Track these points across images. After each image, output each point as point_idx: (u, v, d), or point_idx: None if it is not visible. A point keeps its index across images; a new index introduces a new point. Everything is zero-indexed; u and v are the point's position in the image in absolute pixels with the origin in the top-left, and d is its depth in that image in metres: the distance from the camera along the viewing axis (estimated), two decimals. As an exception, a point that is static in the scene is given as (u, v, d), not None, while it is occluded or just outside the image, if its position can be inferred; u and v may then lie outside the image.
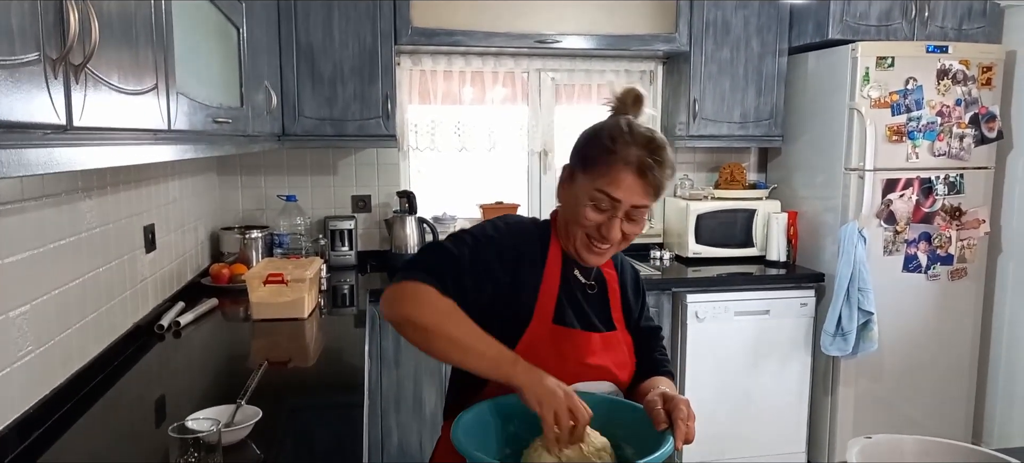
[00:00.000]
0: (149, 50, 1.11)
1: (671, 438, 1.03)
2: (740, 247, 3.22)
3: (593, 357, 1.22)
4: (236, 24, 1.88)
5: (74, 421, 1.43)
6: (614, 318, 1.29)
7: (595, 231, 1.17)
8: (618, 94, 1.22)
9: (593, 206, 1.16)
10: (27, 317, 1.36)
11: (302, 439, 1.38)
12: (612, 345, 1.26)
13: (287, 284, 2.18)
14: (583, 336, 1.22)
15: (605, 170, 1.14)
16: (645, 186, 1.14)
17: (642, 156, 1.13)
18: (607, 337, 1.25)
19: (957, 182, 2.92)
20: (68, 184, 1.57)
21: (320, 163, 3.17)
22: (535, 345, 1.19)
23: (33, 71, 0.74)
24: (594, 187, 1.15)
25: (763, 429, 3.00)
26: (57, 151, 0.82)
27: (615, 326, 1.28)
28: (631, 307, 1.34)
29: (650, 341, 1.34)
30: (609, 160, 1.14)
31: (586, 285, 1.27)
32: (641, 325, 1.35)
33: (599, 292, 1.29)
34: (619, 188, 1.13)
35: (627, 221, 1.17)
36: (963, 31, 2.95)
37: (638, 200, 1.15)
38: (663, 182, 1.16)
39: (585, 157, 1.18)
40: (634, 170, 1.13)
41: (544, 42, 2.97)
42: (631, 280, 1.36)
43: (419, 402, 2.75)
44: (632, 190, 1.13)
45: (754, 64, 3.11)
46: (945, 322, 3.00)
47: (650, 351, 1.33)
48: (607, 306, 1.29)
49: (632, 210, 1.16)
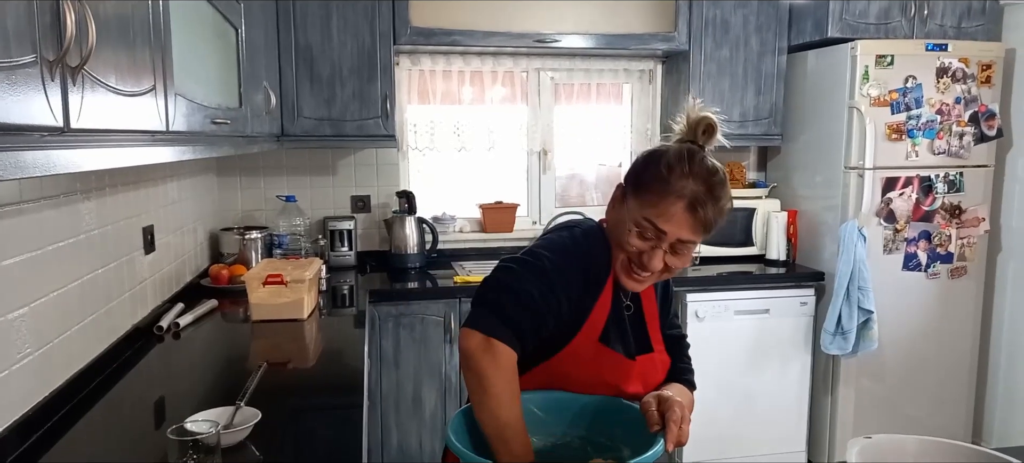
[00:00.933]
0: (147, 51, 1.10)
1: (661, 440, 1.03)
2: (740, 246, 3.21)
3: (628, 384, 1.19)
4: (234, 25, 1.88)
5: (73, 423, 1.43)
6: (652, 338, 1.26)
7: (637, 258, 1.14)
8: (690, 120, 1.17)
9: (638, 233, 1.12)
10: (26, 319, 1.36)
11: (302, 440, 1.38)
12: (647, 369, 1.23)
13: (286, 285, 2.18)
14: (624, 362, 1.19)
15: (656, 200, 1.10)
16: (695, 222, 1.09)
17: (697, 191, 1.08)
18: (643, 361, 1.22)
19: (957, 180, 2.92)
20: (67, 186, 1.57)
21: (319, 163, 3.17)
22: (576, 356, 1.17)
23: (30, 73, 0.74)
24: (642, 214, 1.11)
25: (763, 428, 3.00)
26: (54, 153, 0.82)
27: (653, 348, 1.25)
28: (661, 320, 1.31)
29: (674, 350, 1.32)
30: (661, 190, 1.10)
31: (623, 305, 1.24)
32: (666, 333, 1.32)
33: (636, 312, 1.26)
34: (667, 221, 1.09)
35: (671, 253, 1.13)
36: (962, 29, 2.94)
37: (686, 235, 1.10)
38: (716, 220, 1.11)
39: (639, 181, 1.14)
40: (686, 205, 1.08)
41: (543, 41, 2.97)
42: (662, 291, 1.33)
43: (419, 403, 2.75)
44: (681, 224, 1.09)
45: (753, 63, 3.10)
46: (945, 321, 3.00)
47: (675, 360, 1.30)
48: (644, 327, 1.26)
49: (678, 244, 1.12)
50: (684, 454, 2.95)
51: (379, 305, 2.67)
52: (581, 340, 1.16)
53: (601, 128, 3.41)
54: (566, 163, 3.45)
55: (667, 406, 1.07)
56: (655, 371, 1.24)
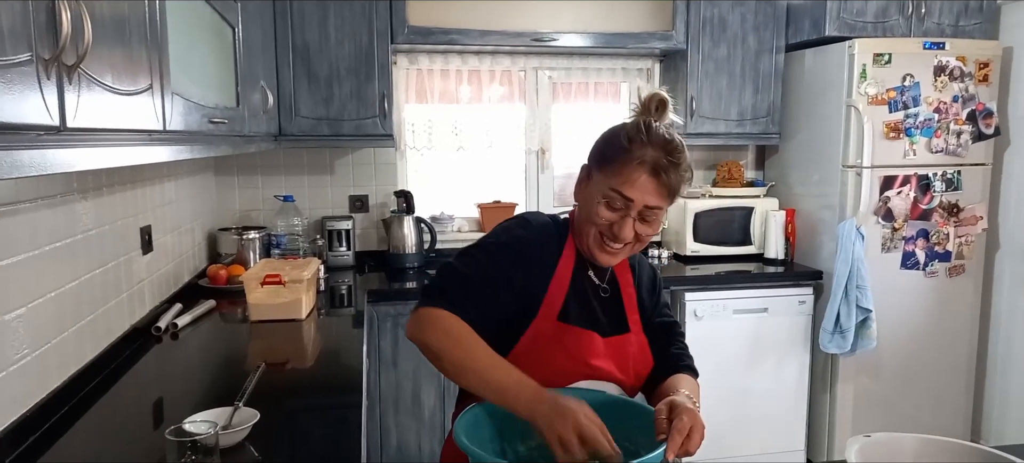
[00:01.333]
0: (143, 50, 1.10)
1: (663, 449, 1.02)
2: (738, 245, 3.21)
3: (596, 358, 1.22)
4: (231, 23, 1.87)
5: (71, 424, 1.42)
6: (630, 320, 1.28)
7: (608, 230, 1.18)
8: (643, 99, 1.22)
9: (606, 204, 1.17)
10: (23, 320, 1.36)
11: (300, 441, 1.38)
12: (620, 348, 1.25)
13: (285, 285, 2.18)
14: (587, 336, 1.22)
15: (620, 169, 1.15)
16: (659, 187, 1.15)
17: (658, 157, 1.14)
18: (614, 340, 1.25)
19: (954, 179, 2.92)
20: (63, 186, 1.57)
21: (317, 163, 3.16)
22: (538, 340, 1.19)
23: (25, 72, 0.73)
24: (608, 186, 1.16)
25: (762, 427, 3.00)
26: (50, 152, 0.82)
27: (630, 328, 1.28)
28: (646, 305, 1.33)
29: (666, 336, 1.33)
30: (624, 159, 1.15)
31: (599, 288, 1.27)
32: (656, 321, 1.34)
33: (613, 295, 1.29)
34: (633, 187, 1.14)
35: (641, 222, 1.17)
36: (960, 27, 2.95)
37: (652, 200, 1.15)
38: (678, 184, 1.16)
39: (602, 156, 1.20)
40: (648, 170, 1.14)
41: (541, 40, 2.97)
42: (647, 278, 1.36)
43: (418, 402, 2.75)
44: (645, 190, 1.14)
45: (751, 62, 3.10)
46: (943, 319, 3.01)
47: (667, 346, 1.32)
48: (621, 309, 1.28)
49: (646, 211, 1.16)
50: (683, 453, 2.95)
51: (377, 305, 2.67)
52: (541, 321, 1.20)
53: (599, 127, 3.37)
54: (564, 162, 3.44)
55: (676, 414, 1.07)
56: (630, 351, 1.26)
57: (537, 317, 1.20)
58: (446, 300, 1.14)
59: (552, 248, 1.24)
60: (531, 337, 1.19)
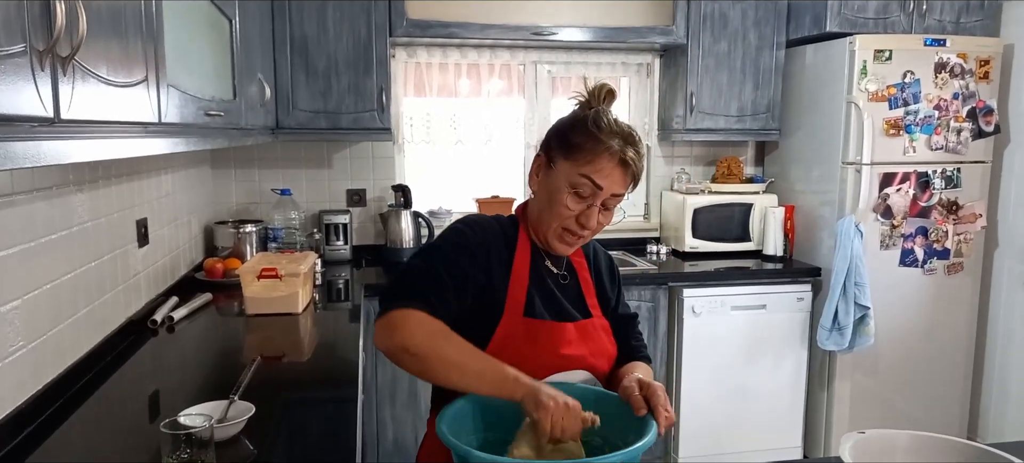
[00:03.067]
0: (139, 42, 1.09)
1: (654, 423, 1.05)
2: (737, 241, 3.21)
3: (567, 347, 1.22)
4: (228, 16, 1.86)
5: (66, 417, 1.42)
6: (589, 304, 1.30)
7: (573, 221, 1.19)
8: (591, 89, 1.23)
9: (573, 193, 1.17)
10: (18, 311, 1.35)
11: (296, 434, 1.37)
12: (588, 333, 1.26)
13: (281, 279, 2.17)
14: (557, 327, 1.22)
15: (591, 157, 1.15)
16: (626, 176, 1.17)
17: (623, 146, 1.16)
18: (582, 325, 1.26)
19: (954, 176, 2.92)
20: (59, 178, 1.56)
21: (314, 157, 3.15)
22: (508, 339, 1.19)
23: (19, 63, 0.73)
24: (578, 172, 1.16)
25: (759, 423, 3.01)
26: (45, 144, 0.81)
27: (591, 313, 1.29)
28: (607, 294, 1.35)
29: (627, 328, 1.36)
30: (594, 147, 1.15)
31: (558, 276, 1.29)
32: (619, 312, 1.36)
33: (571, 281, 1.30)
34: (602, 175, 1.15)
35: (603, 210, 1.19)
36: (961, 24, 2.94)
37: (618, 189, 1.18)
38: (638, 173, 1.20)
39: (569, 144, 1.18)
40: (618, 160, 1.15)
41: (540, 34, 2.96)
42: (606, 267, 1.38)
43: (414, 396, 2.75)
44: (615, 179, 1.16)
45: (751, 57, 3.09)
46: (941, 316, 3.01)
47: (627, 338, 1.35)
48: (581, 293, 1.30)
49: (610, 199, 1.18)
50: (680, 448, 2.96)
51: (374, 299, 2.66)
52: (508, 319, 1.20)
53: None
54: (563, 157, 3.43)
55: (651, 392, 1.10)
56: (596, 335, 1.28)
57: (504, 316, 1.20)
58: (418, 299, 1.10)
59: (505, 244, 1.24)
60: (501, 336, 1.19)
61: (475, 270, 1.18)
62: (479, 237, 1.22)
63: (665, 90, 3.33)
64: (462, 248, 1.19)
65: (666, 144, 3.42)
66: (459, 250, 1.19)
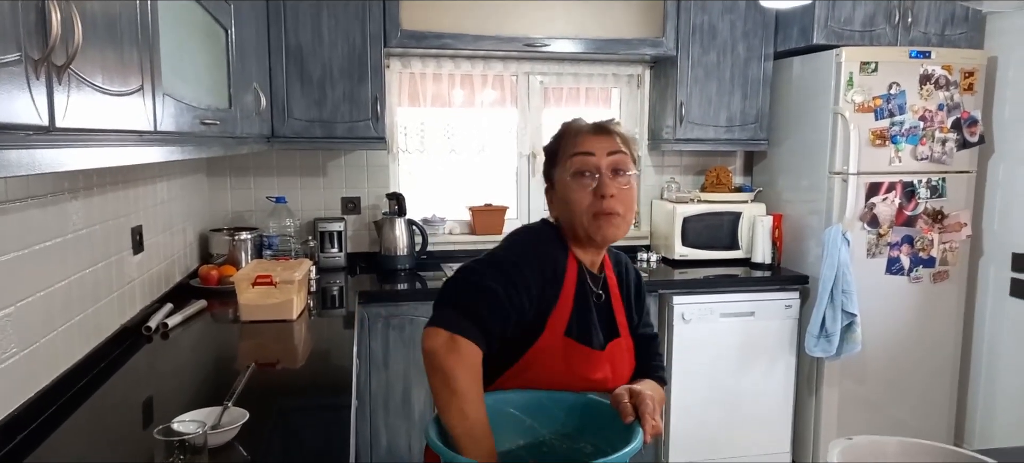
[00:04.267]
0: (134, 51, 1.11)
1: (639, 431, 1.05)
2: (726, 249, 3.24)
3: (596, 372, 1.23)
4: (224, 25, 1.88)
5: (59, 424, 1.42)
6: (619, 323, 1.30)
7: (593, 198, 1.20)
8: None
9: (578, 178, 1.22)
10: (12, 319, 1.36)
11: (290, 441, 1.38)
12: (615, 355, 1.27)
13: (276, 286, 2.18)
14: (592, 353, 1.23)
15: (569, 141, 1.24)
16: (609, 136, 1.23)
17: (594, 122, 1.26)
18: (611, 347, 1.26)
19: (939, 186, 2.96)
20: (54, 185, 1.57)
21: (309, 165, 3.17)
22: (543, 353, 1.19)
23: (14, 72, 0.74)
24: (570, 159, 1.23)
25: (748, 430, 3.02)
26: (39, 152, 0.82)
27: (620, 333, 1.29)
28: (632, 312, 1.35)
29: (648, 348, 1.36)
30: (568, 133, 1.26)
31: (594, 294, 1.28)
32: (640, 332, 1.36)
33: (605, 300, 1.30)
34: (587, 145, 1.22)
35: (615, 180, 1.21)
36: (946, 36, 2.99)
37: (610, 147, 1.22)
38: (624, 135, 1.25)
39: (552, 153, 1.28)
40: (592, 130, 1.24)
41: (533, 45, 2.99)
42: (634, 285, 1.38)
43: (408, 403, 2.76)
44: (599, 142, 1.22)
45: (740, 68, 3.13)
46: (927, 324, 3.04)
47: (646, 358, 1.34)
48: (613, 313, 1.30)
49: (613, 161, 1.21)
50: (670, 454, 2.97)
51: (369, 306, 2.67)
52: (548, 337, 1.20)
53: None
54: (555, 166, 3.46)
55: (639, 400, 1.10)
56: (622, 356, 1.28)
57: (544, 332, 1.19)
58: (480, 330, 1.09)
59: (561, 260, 1.24)
60: (536, 351, 1.19)
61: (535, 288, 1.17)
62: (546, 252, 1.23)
63: (655, 101, 3.36)
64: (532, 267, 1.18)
65: (656, 154, 3.46)
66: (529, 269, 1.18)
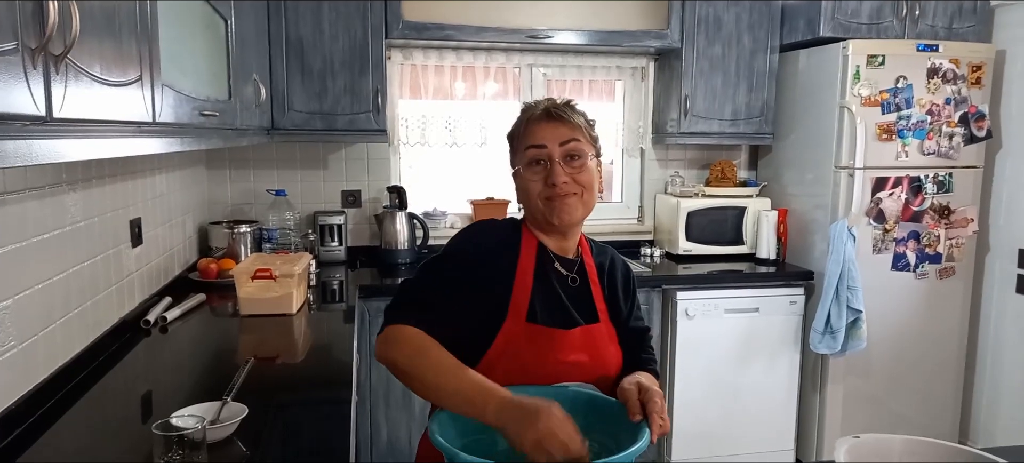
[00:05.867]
0: (133, 41, 1.09)
1: (646, 430, 1.04)
2: (730, 244, 3.22)
3: (570, 354, 1.22)
4: (224, 16, 1.86)
5: (58, 417, 1.41)
6: (598, 309, 1.29)
7: (545, 188, 1.23)
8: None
9: (531, 167, 1.24)
10: (9, 311, 1.35)
11: (289, 435, 1.37)
12: (593, 338, 1.26)
13: (275, 279, 2.17)
14: (560, 334, 1.22)
15: (523, 134, 1.26)
16: (560, 123, 1.23)
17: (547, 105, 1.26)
18: (587, 330, 1.25)
19: (946, 181, 2.94)
20: (52, 177, 1.55)
21: (310, 158, 3.15)
22: (510, 344, 1.19)
23: (11, 61, 0.73)
24: (523, 150, 1.25)
25: (752, 426, 3.01)
26: (36, 143, 0.81)
27: (599, 317, 1.28)
28: (619, 304, 1.34)
29: (640, 341, 1.35)
30: (522, 127, 1.27)
31: (568, 277, 1.28)
32: (630, 325, 1.35)
33: (581, 284, 1.29)
34: (537, 135, 1.23)
35: (569, 165, 1.22)
36: (953, 30, 2.96)
37: (563, 136, 1.23)
38: (580, 121, 1.25)
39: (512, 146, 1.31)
40: (543, 116, 1.24)
41: (536, 37, 2.96)
42: (621, 276, 1.37)
43: (408, 398, 2.74)
44: (550, 130, 1.23)
45: (745, 61, 3.11)
46: (933, 320, 3.02)
47: (638, 351, 1.34)
48: (590, 297, 1.29)
49: (566, 149, 1.22)
50: (673, 451, 2.96)
51: (369, 300, 2.66)
52: (510, 324, 1.20)
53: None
54: (558, 160, 3.44)
55: (648, 397, 1.09)
56: (602, 341, 1.27)
57: (506, 320, 1.20)
58: (413, 315, 1.14)
59: (510, 249, 1.25)
60: (502, 341, 1.19)
61: (478, 275, 1.19)
62: (485, 243, 1.25)
63: (659, 93, 3.33)
64: (466, 254, 1.23)
65: (660, 147, 3.43)
66: (463, 257, 1.22)
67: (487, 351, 1.20)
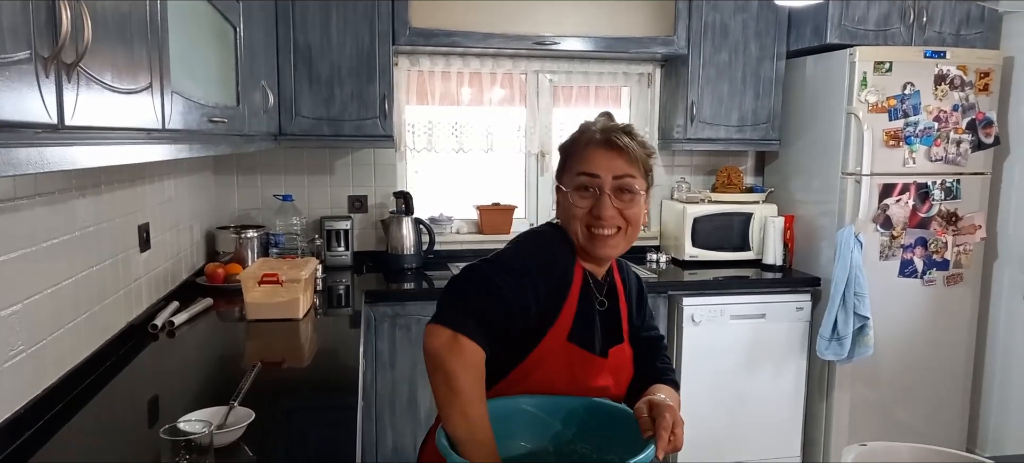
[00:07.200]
0: (143, 49, 1.10)
1: (652, 446, 1.03)
2: (736, 250, 3.21)
3: (597, 379, 1.22)
4: (233, 23, 1.87)
5: (66, 422, 1.42)
6: (623, 330, 1.29)
7: (589, 217, 1.19)
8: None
9: (579, 192, 1.20)
10: (19, 316, 1.36)
11: (295, 441, 1.37)
12: (618, 362, 1.26)
13: (282, 284, 2.17)
14: (594, 359, 1.22)
15: (577, 156, 1.21)
16: (618, 154, 1.18)
17: (606, 127, 1.21)
18: (614, 353, 1.25)
19: (954, 187, 2.92)
20: (62, 183, 1.56)
21: (317, 163, 3.16)
22: (545, 357, 1.18)
23: (24, 70, 0.73)
24: (575, 173, 1.20)
25: (758, 433, 3.00)
26: (48, 150, 0.81)
27: (623, 339, 1.28)
28: (634, 318, 1.34)
29: (653, 350, 1.35)
30: (577, 148, 1.22)
31: (597, 301, 1.26)
32: (643, 334, 1.35)
33: (611, 307, 1.28)
34: (592, 162, 1.19)
35: (618, 198, 1.19)
36: (961, 36, 2.95)
37: (617, 169, 1.18)
38: (638, 153, 1.19)
39: (563, 157, 1.26)
40: (601, 142, 1.19)
41: (542, 44, 2.97)
42: (635, 289, 1.36)
43: (414, 403, 2.75)
44: (606, 160, 1.18)
45: (752, 67, 3.11)
46: (940, 327, 3.00)
47: (652, 360, 1.33)
48: (618, 319, 1.29)
49: (618, 182, 1.18)
50: (679, 457, 2.95)
51: (375, 305, 2.66)
52: (550, 341, 1.18)
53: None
54: (564, 165, 3.44)
55: (658, 413, 1.08)
56: (625, 362, 1.27)
57: (547, 337, 1.18)
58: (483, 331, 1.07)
59: (569, 266, 1.22)
60: (539, 355, 1.18)
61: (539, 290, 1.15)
62: (552, 255, 1.21)
63: (666, 100, 3.34)
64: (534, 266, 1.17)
65: (666, 153, 3.43)
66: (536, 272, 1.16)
67: (522, 362, 1.18)
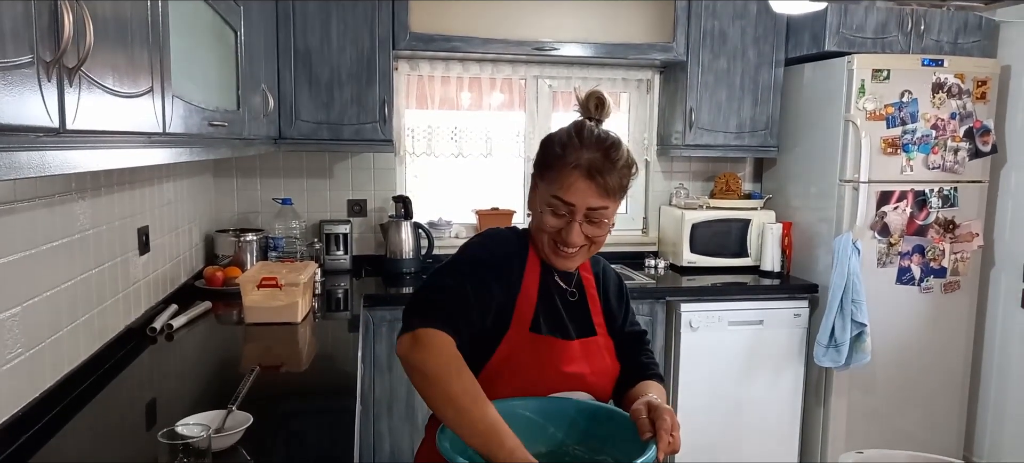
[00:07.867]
0: (144, 53, 1.10)
1: (653, 447, 1.04)
2: (734, 257, 3.22)
3: (569, 365, 1.23)
4: (234, 27, 1.88)
5: (63, 425, 1.42)
6: (595, 323, 1.30)
7: (557, 236, 1.20)
8: (582, 99, 1.23)
9: (551, 212, 1.18)
10: (17, 319, 1.36)
11: (293, 445, 1.37)
12: (591, 351, 1.26)
13: (281, 288, 2.17)
14: (560, 344, 1.23)
15: (557, 176, 1.17)
16: (597, 188, 1.15)
17: (593, 159, 1.14)
18: (586, 343, 1.26)
19: (951, 195, 2.93)
20: (61, 186, 1.57)
21: (316, 167, 3.17)
22: (512, 353, 1.20)
23: (26, 73, 0.73)
24: (549, 194, 1.18)
25: (755, 439, 3.00)
26: (49, 154, 0.82)
27: (596, 331, 1.29)
28: (614, 313, 1.35)
29: (636, 345, 1.35)
30: (560, 166, 1.16)
31: (567, 292, 1.29)
32: (626, 330, 1.36)
33: (580, 298, 1.30)
34: (570, 192, 1.15)
35: (588, 224, 1.18)
36: (959, 45, 2.96)
37: (593, 202, 1.16)
38: (616, 183, 1.17)
39: (541, 164, 1.22)
40: (584, 173, 1.14)
41: (542, 49, 2.98)
42: (614, 286, 1.37)
43: (411, 408, 2.74)
44: (585, 193, 1.15)
45: (750, 74, 3.12)
46: (938, 335, 3.01)
47: (636, 355, 1.34)
48: (587, 311, 1.30)
49: (590, 213, 1.17)
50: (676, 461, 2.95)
51: (373, 309, 2.67)
52: (513, 334, 1.20)
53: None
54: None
55: (657, 414, 1.08)
56: (598, 353, 1.28)
57: (509, 330, 1.20)
58: (443, 320, 1.10)
59: (517, 260, 1.24)
60: (505, 350, 1.20)
61: (498, 288, 1.19)
62: (500, 252, 1.23)
63: (664, 106, 3.35)
64: (487, 265, 1.20)
65: (665, 159, 3.44)
66: (485, 268, 1.19)
67: (490, 359, 1.20)
